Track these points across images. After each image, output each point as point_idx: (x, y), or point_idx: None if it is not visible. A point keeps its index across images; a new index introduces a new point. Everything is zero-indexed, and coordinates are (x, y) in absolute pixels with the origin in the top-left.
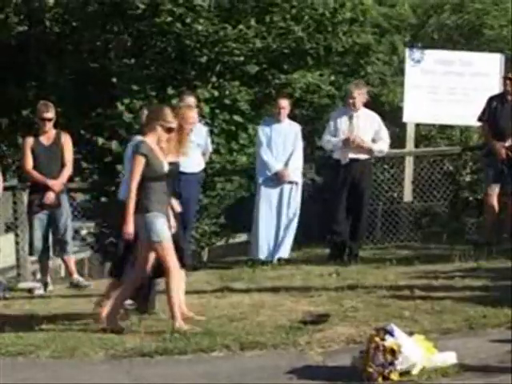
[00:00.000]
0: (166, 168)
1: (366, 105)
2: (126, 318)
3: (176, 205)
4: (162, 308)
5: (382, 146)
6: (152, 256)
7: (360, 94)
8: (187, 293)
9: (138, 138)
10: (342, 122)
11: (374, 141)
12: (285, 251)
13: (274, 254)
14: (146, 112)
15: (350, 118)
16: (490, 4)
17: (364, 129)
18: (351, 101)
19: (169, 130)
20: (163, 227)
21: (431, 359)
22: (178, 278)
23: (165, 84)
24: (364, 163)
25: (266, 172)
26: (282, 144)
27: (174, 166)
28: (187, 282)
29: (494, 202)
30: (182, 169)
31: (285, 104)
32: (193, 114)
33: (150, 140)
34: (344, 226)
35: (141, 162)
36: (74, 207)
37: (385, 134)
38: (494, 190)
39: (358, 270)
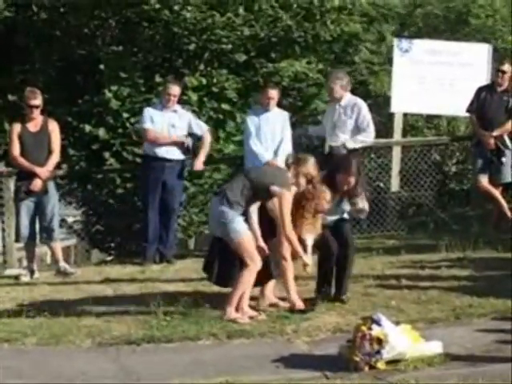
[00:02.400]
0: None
1: (354, 93)
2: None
3: None
4: None
5: (364, 137)
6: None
7: (339, 84)
8: (173, 281)
9: None
10: (330, 112)
11: (356, 130)
12: None
13: None
14: None
15: (338, 106)
16: None
17: (345, 119)
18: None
19: None
20: (240, 225)
21: (417, 348)
22: (255, 272)
23: (153, 71)
24: (352, 152)
25: (256, 162)
26: (270, 133)
27: None
28: (173, 271)
29: (488, 186)
30: (166, 156)
31: (273, 94)
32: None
33: None
34: None
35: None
36: (61, 194)
37: (367, 126)
38: (483, 180)
39: None
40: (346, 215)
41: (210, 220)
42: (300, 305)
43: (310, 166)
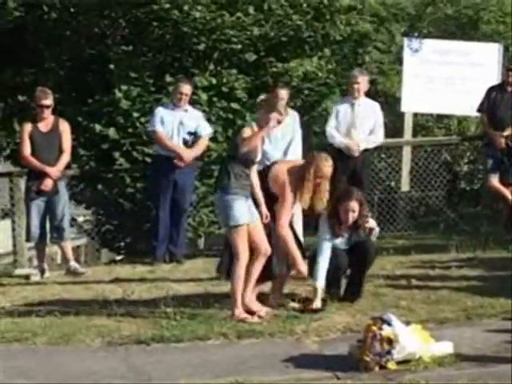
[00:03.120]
0: (258, 157)
1: (368, 94)
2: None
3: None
4: None
5: (377, 138)
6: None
7: (363, 81)
8: (183, 280)
9: None
10: (344, 111)
11: (371, 131)
12: None
13: None
14: None
15: (352, 105)
16: None
17: (364, 119)
18: (356, 86)
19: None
20: (239, 212)
21: (428, 349)
22: (244, 266)
23: (162, 71)
24: (364, 153)
25: (265, 161)
26: (280, 132)
27: None
28: (183, 270)
29: (498, 186)
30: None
31: (283, 94)
32: (327, 168)
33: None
34: None
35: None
36: (72, 194)
37: (380, 128)
38: (494, 180)
39: None
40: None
41: (218, 215)
42: (304, 270)
43: (324, 162)
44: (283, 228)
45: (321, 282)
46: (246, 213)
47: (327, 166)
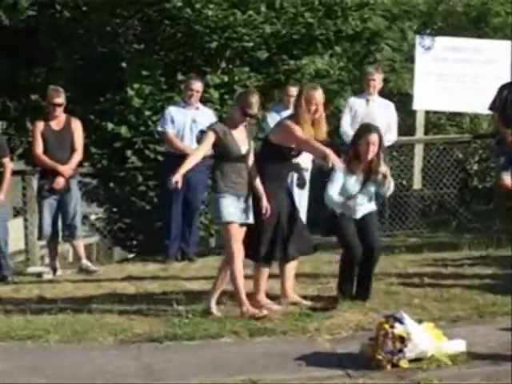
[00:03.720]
0: (242, 151)
1: (380, 92)
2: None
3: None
4: None
5: (391, 137)
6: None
7: (379, 78)
8: (195, 278)
9: None
10: (359, 107)
11: (385, 130)
12: None
13: None
14: None
15: (367, 101)
16: None
17: (378, 116)
18: (372, 83)
19: (247, 115)
20: (227, 209)
21: (440, 347)
22: (241, 263)
23: (174, 69)
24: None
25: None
26: None
27: None
28: (195, 268)
29: (510, 184)
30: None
31: (294, 92)
32: (316, 94)
33: (230, 122)
34: None
35: (210, 136)
36: (84, 192)
37: (394, 126)
38: (506, 178)
39: None
40: (373, 204)
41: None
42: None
43: (312, 90)
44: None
45: (336, 197)
46: (233, 211)
47: (316, 92)
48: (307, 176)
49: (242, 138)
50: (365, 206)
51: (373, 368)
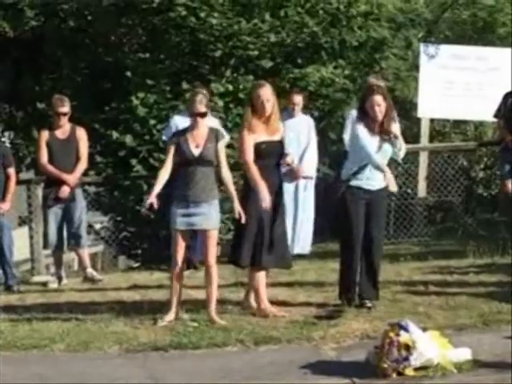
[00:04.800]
0: (194, 153)
1: None
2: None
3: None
4: None
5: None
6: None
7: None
8: (200, 287)
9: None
10: None
11: None
12: (305, 247)
13: (292, 249)
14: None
15: None
16: (503, 1)
17: None
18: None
19: (198, 115)
20: (173, 217)
21: (446, 355)
22: (175, 274)
23: (179, 78)
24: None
25: (282, 168)
26: (295, 139)
27: (269, 144)
28: (200, 277)
29: None
30: None
31: (298, 100)
32: (264, 91)
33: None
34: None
35: (169, 148)
36: (89, 201)
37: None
38: (511, 185)
39: None
40: (385, 182)
41: None
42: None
43: (258, 87)
44: None
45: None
46: (178, 219)
47: (261, 89)
48: (312, 183)
49: (197, 141)
50: (379, 177)
51: (378, 376)
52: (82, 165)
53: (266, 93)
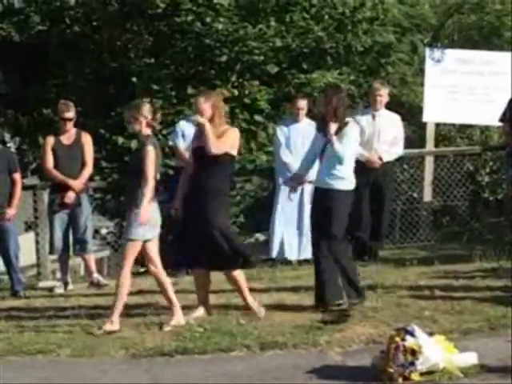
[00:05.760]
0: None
1: (387, 106)
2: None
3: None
4: None
5: (397, 150)
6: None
7: (385, 93)
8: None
9: None
10: (365, 123)
11: (392, 143)
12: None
13: (298, 254)
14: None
15: (373, 117)
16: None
17: (385, 130)
18: (378, 98)
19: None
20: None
21: (452, 359)
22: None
23: (185, 83)
24: (385, 165)
25: (286, 173)
26: (301, 144)
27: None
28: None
29: None
30: None
31: (303, 104)
32: (198, 101)
33: None
34: (366, 226)
35: None
36: (95, 206)
37: (401, 139)
38: None
39: (378, 269)
40: (337, 181)
41: None
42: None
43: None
44: None
45: None
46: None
47: (198, 99)
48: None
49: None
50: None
51: (384, 381)
52: (88, 170)
53: (200, 103)
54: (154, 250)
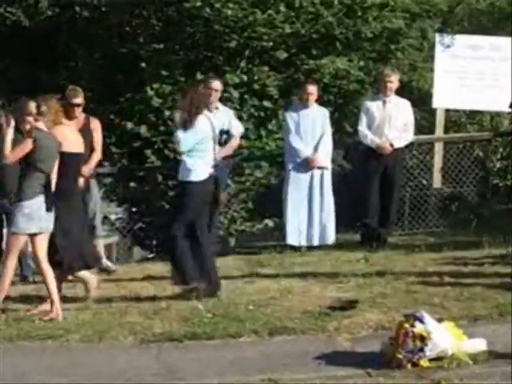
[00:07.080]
0: None
1: (397, 92)
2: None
3: None
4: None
5: (408, 136)
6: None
7: (396, 79)
8: None
9: None
10: (375, 109)
11: (402, 129)
12: (325, 238)
13: (307, 240)
14: None
15: (384, 103)
16: None
17: (395, 116)
18: (389, 84)
19: None
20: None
21: (461, 346)
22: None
23: (194, 69)
24: (395, 151)
25: (296, 158)
26: (310, 129)
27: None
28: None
29: None
30: None
31: (312, 90)
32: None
33: None
34: (375, 212)
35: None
36: (104, 192)
37: (411, 125)
38: None
39: (387, 256)
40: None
41: None
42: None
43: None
44: None
45: None
46: None
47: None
48: (328, 174)
49: None
50: None
51: (393, 367)
52: (97, 156)
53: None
54: (39, 243)
